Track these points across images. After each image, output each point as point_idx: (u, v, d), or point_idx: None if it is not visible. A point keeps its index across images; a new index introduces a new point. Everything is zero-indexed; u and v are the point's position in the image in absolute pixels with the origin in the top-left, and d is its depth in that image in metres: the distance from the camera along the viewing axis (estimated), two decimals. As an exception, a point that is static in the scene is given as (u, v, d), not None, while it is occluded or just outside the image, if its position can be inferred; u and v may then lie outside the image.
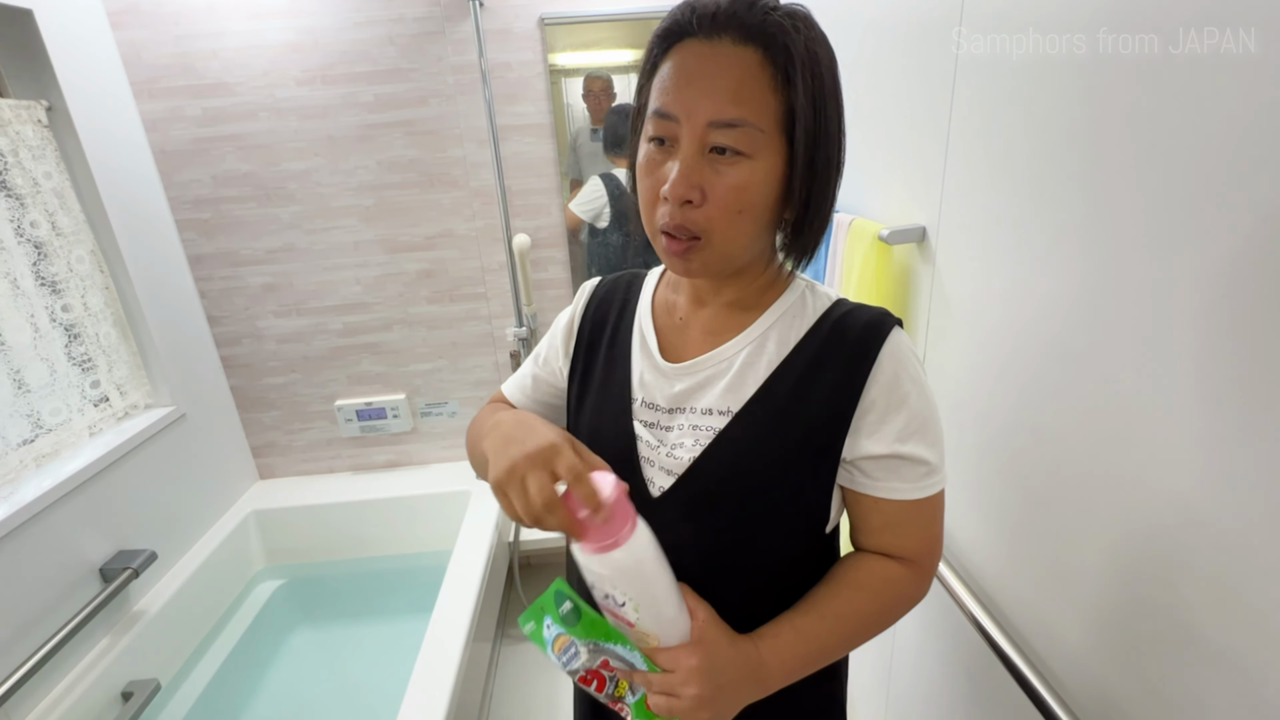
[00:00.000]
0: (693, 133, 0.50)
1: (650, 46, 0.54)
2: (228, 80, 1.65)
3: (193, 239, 1.78)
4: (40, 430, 1.37)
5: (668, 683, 0.51)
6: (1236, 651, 0.51)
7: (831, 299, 0.61)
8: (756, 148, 0.50)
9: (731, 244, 0.54)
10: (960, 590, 0.86)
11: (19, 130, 1.34)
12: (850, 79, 1.20)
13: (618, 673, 0.53)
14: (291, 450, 2.04)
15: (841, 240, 1.13)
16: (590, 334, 0.69)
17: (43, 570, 1.29)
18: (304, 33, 1.62)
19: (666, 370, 0.62)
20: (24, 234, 1.35)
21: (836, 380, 0.56)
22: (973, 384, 0.86)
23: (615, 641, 0.52)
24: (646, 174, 0.54)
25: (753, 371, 0.58)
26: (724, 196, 0.51)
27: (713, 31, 0.49)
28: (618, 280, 0.73)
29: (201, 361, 1.83)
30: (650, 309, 0.67)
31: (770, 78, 0.49)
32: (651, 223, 0.55)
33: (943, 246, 0.91)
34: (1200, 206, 0.51)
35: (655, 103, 0.52)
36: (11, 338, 1.31)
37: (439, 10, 1.63)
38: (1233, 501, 0.50)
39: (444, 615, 1.43)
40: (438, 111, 1.72)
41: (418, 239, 1.84)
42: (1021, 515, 0.78)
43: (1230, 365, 0.49)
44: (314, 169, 1.74)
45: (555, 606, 0.53)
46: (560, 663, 0.53)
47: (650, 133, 0.53)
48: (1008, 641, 0.77)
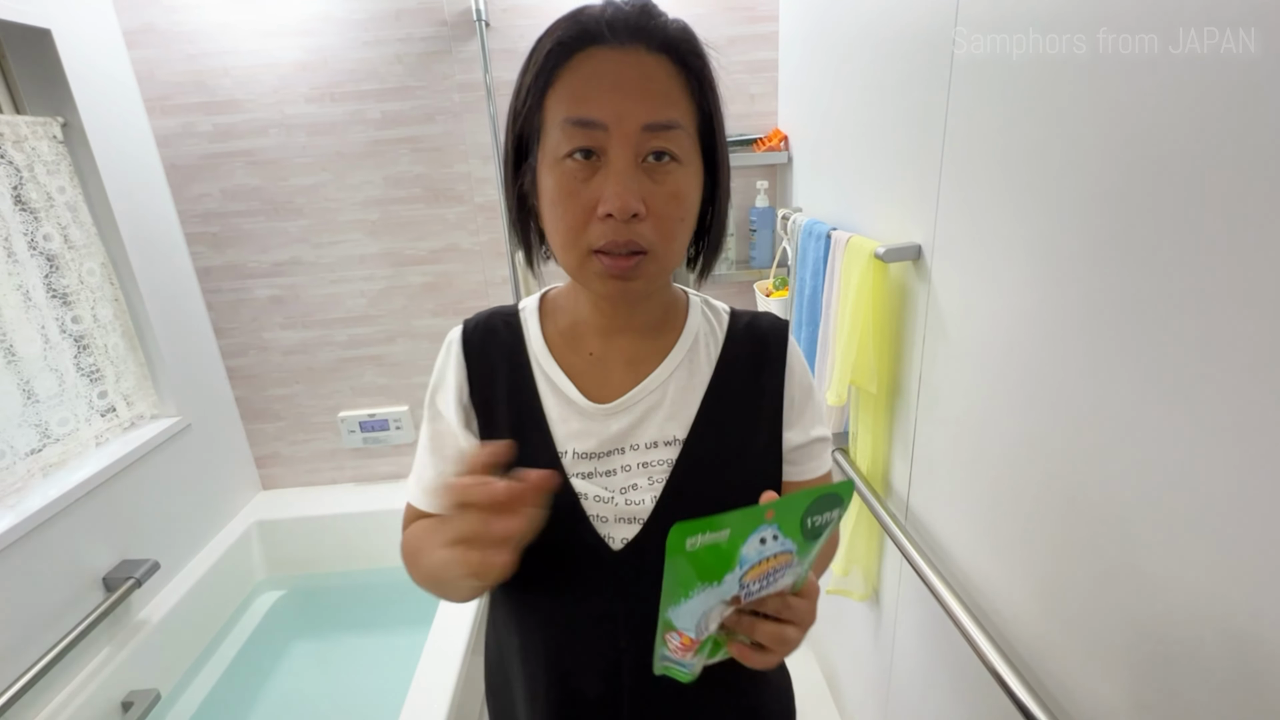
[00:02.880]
0: (626, 139, 0.47)
1: (544, 59, 0.49)
2: (239, 97, 1.68)
3: (201, 252, 1.81)
4: (48, 440, 1.39)
5: (801, 610, 0.45)
6: (1220, 661, 0.52)
7: (725, 310, 0.65)
8: (686, 153, 0.50)
9: (673, 255, 0.52)
10: (953, 603, 0.86)
11: (35, 146, 1.37)
12: (846, 95, 1.23)
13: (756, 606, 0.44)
14: (295, 461, 2.06)
15: (839, 257, 1.15)
16: (483, 396, 0.60)
17: (47, 579, 1.30)
18: (314, 51, 1.66)
19: (595, 412, 0.57)
20: (37, 247, 1.38)
21: (763, 386, 0.60)
22: (967, 400, 0.87)
23: (808, 560, 0.44)
24: (568, 195, 0.48)
25: (687, 395, 0.58)
26: (665, 206, 0.49)
27: (626, 39, 0.47)
28: (488, 325, 0.63)
29: (207, 372, 1.85)
30: (546, 347, 0.60)
31: (685, 84, 0.49)
32: (578, 245, 0.50)
33: (938, 264, 0.92)
34: (1193, 219, 0.52)
35: (569, 112, 0.47)
36: (22, 349, 1.33)
37: (446, 30, 1.66)
38: (1224, 509, 0.51)
39: (443, 628, 1.43)
40: (444, 128, 1.75)
41: (422, 253, 1.86)
42: (1015, 528, 0.79)
43: (1218, 380, 0.50)
44: (322, 184, 1.77)
45: (799, 520, 0.41)
46: (743, 586, 0.41)
47: (567, 147, 0.48)
48: (1001, 660, 0.77)
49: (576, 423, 0.57)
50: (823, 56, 1.36)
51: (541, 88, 0.49)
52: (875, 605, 1.26)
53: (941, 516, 0.97)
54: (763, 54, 1.71)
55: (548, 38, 0.49)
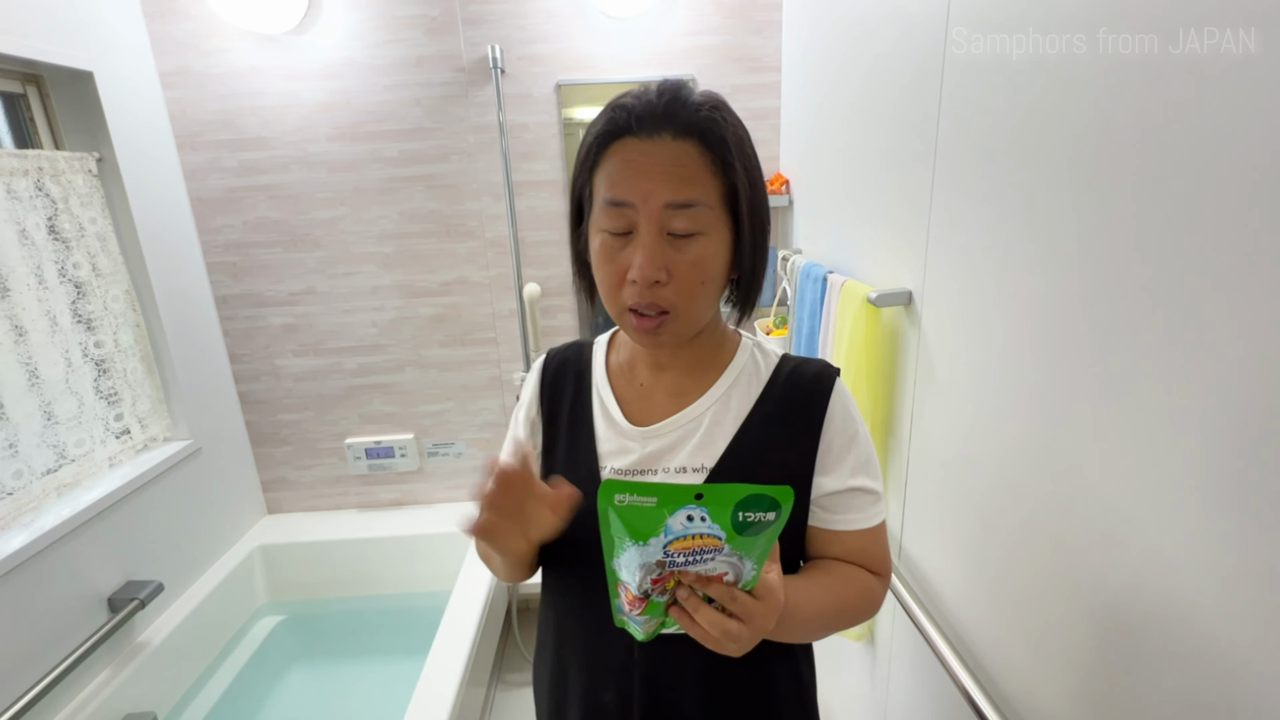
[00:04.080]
0: (651, 216, 0.55)
1: (588, 147, 0.58)
2: (264, 135, 1.76)
3: (221, 280, 1.87)
4: (64, 460, 1.43)
5: (750, 609, 0.48)
6: (1194, 699, 0.53)
7: (777, 355, 0.68)
8: (708, 224, 0.56)
9: (696, 313, 0.59)
10: (942, 646, 0.87)
11: (70, 179, 1.45)
12: (842, 143, 1.28)
13: (688, 578, 0.48)
14: (300, 486, 2.09)
15: (835, 300, 1.19)
16: (550, 409, 0.71)
17: (55, 598, 1.33)
18: (337, 94, 1.74)
19: (633, 433, 0.65)
20: (66, 274, 1.44)
21: (798, 429, 0.63)
22: (954, 443, 0.90)
23: (751, 558, 0.47)
24: (606, 261, 0.58)
25: (721, 429, 0.63)
26: (687, 273, 0.56)
27: (653, 129, 0.55)
28: (567, 352, 0.74)
29: (220, 397, 1.89)
30: (606, 376, 0.70)
31: (710, 163, 0.56)
32: (617, 303, 0.59)
33: (927, 310, 0.96)
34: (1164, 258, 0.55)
35: (606, 193, 0.56)
36: (46, 372, 1.39)
37: (463, 76, 1.75)
38: (1202, 555, 0.53)
39: (439, 658, 1.44)
40: (458, 167, 1.82)
41: (433, 285, 1.92)
42: (1001, 570, 0.80)
43: (1190, 423, 0.53)
44: (339, 218, 1.84)
45: (729, 511, 0.44)
46: (668, 554, 0.46)
47: (604, 223, 0.57)
48: (988, 704, 0.78)
49: (617, 441, 0.65)
50: (821, 104, 1.43)
51: (589, 169, 0.59)
52: (871, 645, 1.26)
53: (932, 557, 0.98)
54: (766, 102, 1.78)
55: (592, 128, 0.58)
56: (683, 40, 1.73)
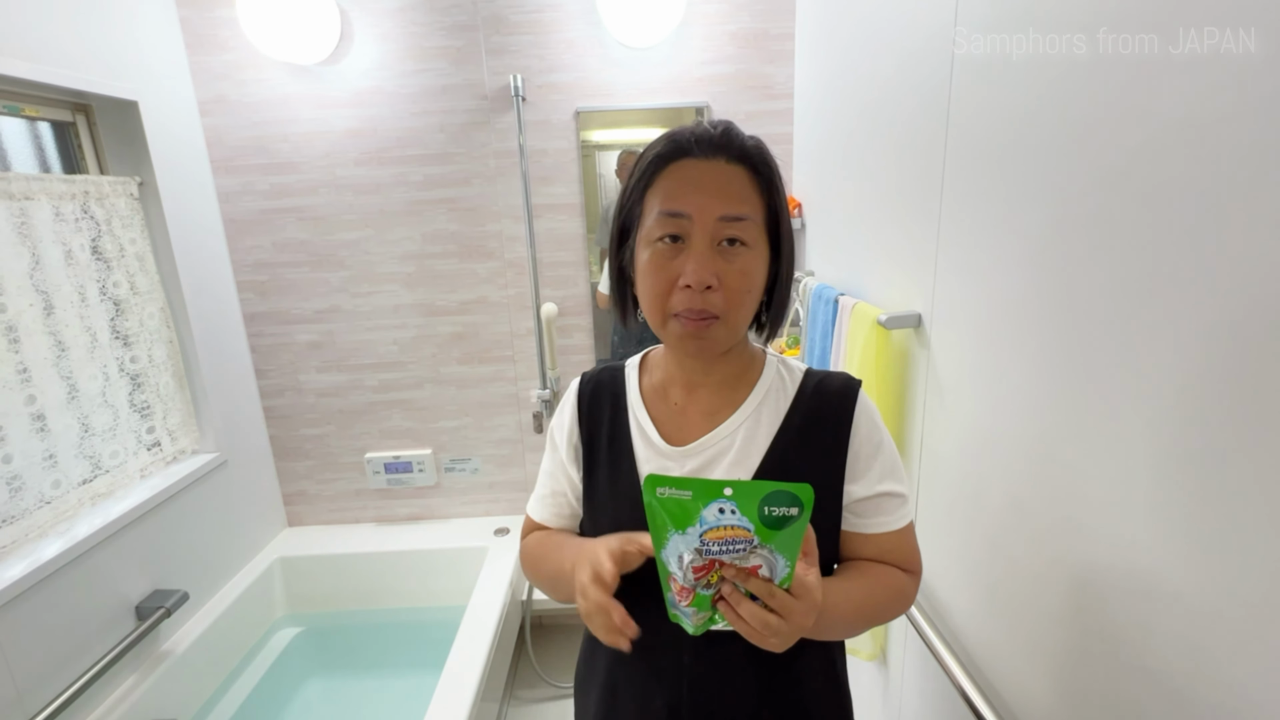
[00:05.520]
0: (705, 227, 0.60)
1: (646, 166, 0.63)
2: (295, 160, 1.84)
3: (250, 298, 1.94)
4: (99, 471, 1.48)
5: (788, 606, 0.52)
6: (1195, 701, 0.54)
7: (800, 369, 0.71)
8: (754, 239, 0.62)
9: (740, 320, 0.63)
10: (953, 665, 0.88)
11: (114, 203, 1.52)
12: (853, 167, 1.31)
13: (728, 572, 0.52)
14: (320, 499, 2.13)
15: (846, 322, 1.21)
16: (589, 434, 0.73)
17: (86, 605, 1.37)
18: (365, 121, 1.82)
19: (672, 454, 0.68)
20: (106, 293, 1.51)
21: (826, 441, 0.66)
22: (963, 463, 0.91)
23: (782, 555, 0.52)
24: (657, 270, 0.62)
25: (754, 444, 0.67)
26: (735, 280, 0.61)
27: (710, 153, 0.62)
28: (601, 376, 0.77)
29: (245, 411, 1.95)
30: (640, 398, 0.72)
31: (758, 186, 0.63)
32: (664, 310, 0.63)
33: (936, 332, 0.98)
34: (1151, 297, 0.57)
35: (663, 206, 0.61)
36: (85, 386, 1.44)
37: (486, 104, 1.81)
38: (1197, 573, 0.55)
39: (454, 673, 1.46)
40: (479, 190, 1.88)
41: (453, 304, 1.97)
42: (1011, 588, 0.81)
43: (1192, 442, 0.55)
44: (364, 239, 1.91)
45: (755, 504, 0.50)
46: (704, 543, 0.51)
47: (659, 233, 0.62)
48: (990, 712, 0.78)
49: (658, 462, 0.68)
50: (832, 130, 1.46)
51: (643, 188, 0.64)
52: (883, 665, 1.26)
53: (943, 577, 0.99)
54: (779, 128, 1.82)
55: (649, 151, 0.64)
56: (698, 69, 1.79)
